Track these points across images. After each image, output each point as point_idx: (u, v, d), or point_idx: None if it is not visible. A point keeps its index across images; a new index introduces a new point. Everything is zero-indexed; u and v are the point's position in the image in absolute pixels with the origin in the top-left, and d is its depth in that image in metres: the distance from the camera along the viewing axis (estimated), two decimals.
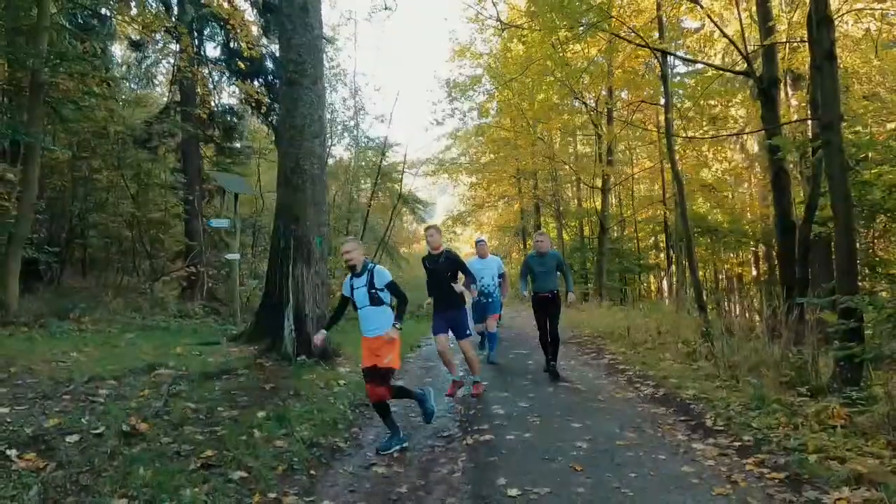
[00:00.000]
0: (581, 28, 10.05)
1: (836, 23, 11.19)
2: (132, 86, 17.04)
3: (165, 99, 17.02)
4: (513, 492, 3.38)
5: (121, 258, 15.53)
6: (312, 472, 3.73)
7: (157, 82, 18.35)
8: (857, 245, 12.27)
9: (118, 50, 16.84)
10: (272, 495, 3.28)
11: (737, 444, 4.08)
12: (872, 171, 7.10)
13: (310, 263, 6.92)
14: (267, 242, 19.68)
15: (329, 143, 19.65)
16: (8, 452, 3.37)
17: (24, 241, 8.85)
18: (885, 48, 13.70)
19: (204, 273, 14.06)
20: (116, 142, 13.15)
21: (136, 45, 15.44)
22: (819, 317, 6.40)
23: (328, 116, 18.47)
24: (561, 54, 13.23)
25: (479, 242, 8.38)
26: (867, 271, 8.72)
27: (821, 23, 6.22)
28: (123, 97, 15.28)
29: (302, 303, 6.77)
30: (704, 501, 3.18)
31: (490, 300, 7.87)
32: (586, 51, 15.55)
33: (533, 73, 14.67)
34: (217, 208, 17.23)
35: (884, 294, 8.46)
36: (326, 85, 11.08)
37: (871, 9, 10.33)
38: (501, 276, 8.19)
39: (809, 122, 9.81)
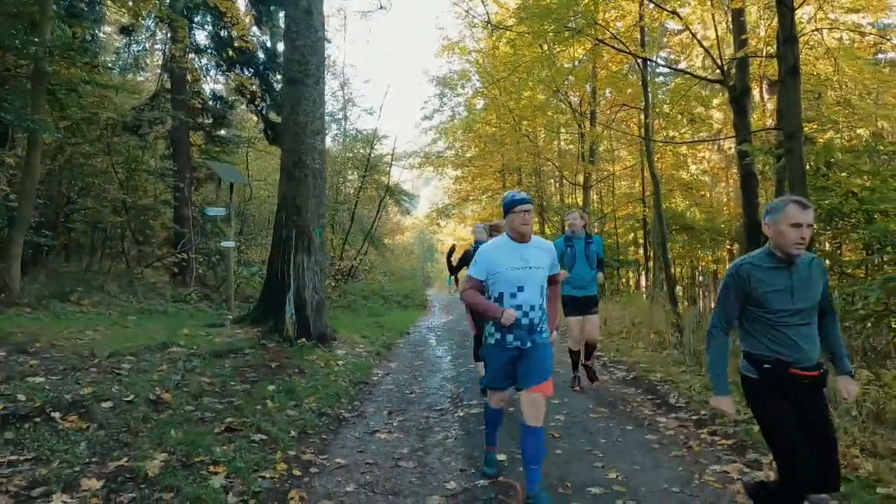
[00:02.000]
0: (567, 33, 10.55)
1: (810, 34, 11.90)
2: (117, 71, 17.10)
3: (153, 85, 17.16)
4: (500, 455, 3.89)
5: (107, 243, 15.69)
6: (324, 436, 4.22)
7: (145, 68, 18.45)
8: (827, 247, 13.07)
9: (103, 35, 16.90)
10: (292, 453, 3.76)
11: (695, 417, 4.66)
12: (830, 180, 7.73)
13: (310, 252, 7.36)
14: (255, 230, 20.02)
15: None
16: (53, 415, 3.79)
17: (27, 226, 9.11)
18: (854, 59, 14.43)
19: (194, 260, 14.33)
20: (106, 127, 13.32)
21: (125, 31, 15.55)
22: None
23: None
24: (548, 55, 13.73)
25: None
26: (839, 271, 9.37)
27: (787, 40, 6.81)
28: (112, 84, 15.39)
29: (302, 289, 7.21)
30: (663, 460, 3.74)
31: None
32: (572, 52, 16.08)
33: (520, 72, 15.14)
34: (205, 196, 17.46)
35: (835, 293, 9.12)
36: None
37: (835, 28, 10.97)
38: None
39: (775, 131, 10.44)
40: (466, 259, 6.19)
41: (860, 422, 4.06)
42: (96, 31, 14.75)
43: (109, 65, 15.79)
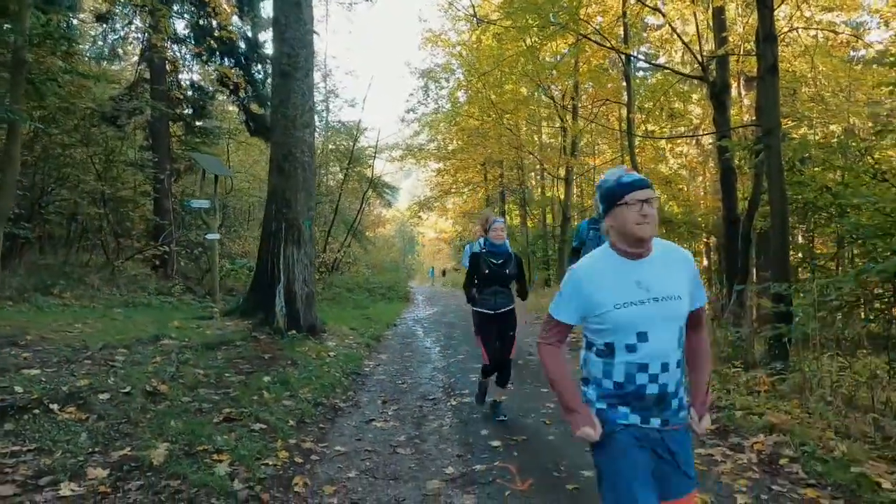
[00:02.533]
0: (552, 28, 10.68)
1: (787, 33, 12.21)
2: (88, 59, 16.74)
3: (131, 75, 16.87)
4: (495, 442, 4.02)
5: (85, 236, 15.44)
6: (321, 425, 4.30)
7: (123, 57, 18.10)
8: (800, 240, 13.44)
9: (77, 22, 16.52)
10: (292, 441, 3.84)
11: None
12: (805, 175, 7.98)
13: (300, 245, 7.39)
14: (237, 223, 19.85)
15: None
16: (51, 406, 3.80)
17: (6, 217, 8.95)
18: (828, 56, 14.81)
19: (175, 252, 14.20)
20: (83, 117, 13.09)
21: (101, 18, 15.25)
22: (759, 302, 7.29)
23: None
24: (532, 49, 13.86)
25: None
26: (811, 264, 9.71)
27: (766, 39, 7.02)
28: (92, 74, 15.09)
29: (292, 281, 7.24)
30: None
31: None
32: (556, 46, 16.21)
33: (504, 66, 15.25)
34: (186, 187, 17.26)
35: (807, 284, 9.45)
36: None
37: (810, 27, 11.25)
38: None
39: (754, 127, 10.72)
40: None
41: (834, 406, 4.28)
42: (71, 19, 14.47)
43: (86, 54, 15.51)
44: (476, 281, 4.61)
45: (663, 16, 11.04)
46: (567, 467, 3.52)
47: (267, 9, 15.54)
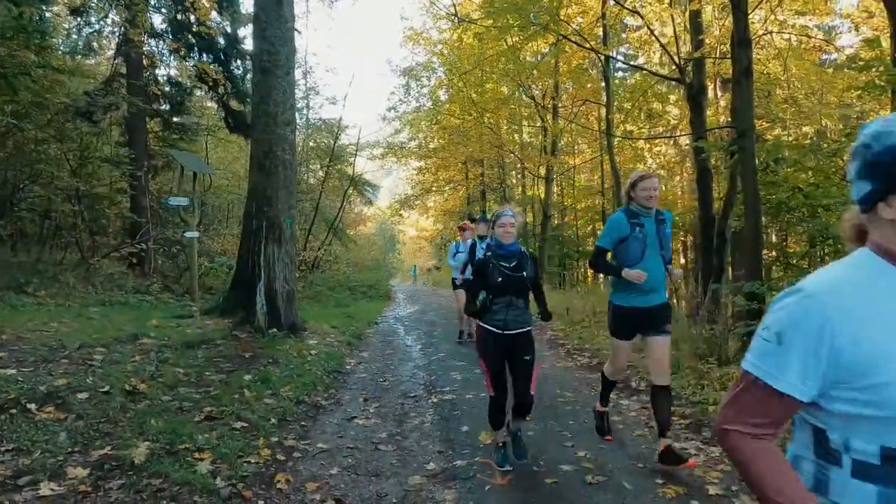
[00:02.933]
0: (533, 28, 10.78)
1: (761, 36, 12.48)
2: (62, 53, 16.39)
3: (107, 69, 16.57)
4: (476, 438, 4.07)
5: (58, 233, 15.16)
6: (303, 423, 4.32)
7: (98, 52, 17.77)
8: (774, 239, 13.74)
9: (51, 14, 16.17)
10: (274, 439, 3.85)
11: None
12: (779, 175, 8.19)
13: (280, 243, 7.36)
14: (215, 220, 19.64)
15: None
16: (29, 406, 3.76)
17: None
18: (801, 59, 15.16)
19: (152, 250, 14.01)
20: (57, 113, 12.85)
21: (76, 12, 14.97)
22: (733, 299, 7.45)
23: None
24: (513, 48, 13.95)
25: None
26: (784, 262, 9.94)
27: (741, 44, 7.17)
28: (67, 69, 14.80)
29: (273, 279, 7.21)
30: (628, 439, 4.00)
31: None
32: (536, 46, 16.35)
33: (485, 65, 15.34)
34: (163, 185, 17.02)
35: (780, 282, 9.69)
36: None
37: (784, 31, 11.50)
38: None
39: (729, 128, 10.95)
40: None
41: None
42: (44, 11, 14.17)
43: (60, 48, 15.20)
44: (485, 293, 3.57)
45: (641, 18, 11.21)
46: (546, 462, 3.60)
47: (247, 4, 15.45)
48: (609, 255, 3.70)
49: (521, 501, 3.10)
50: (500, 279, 3.48)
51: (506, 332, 3.47)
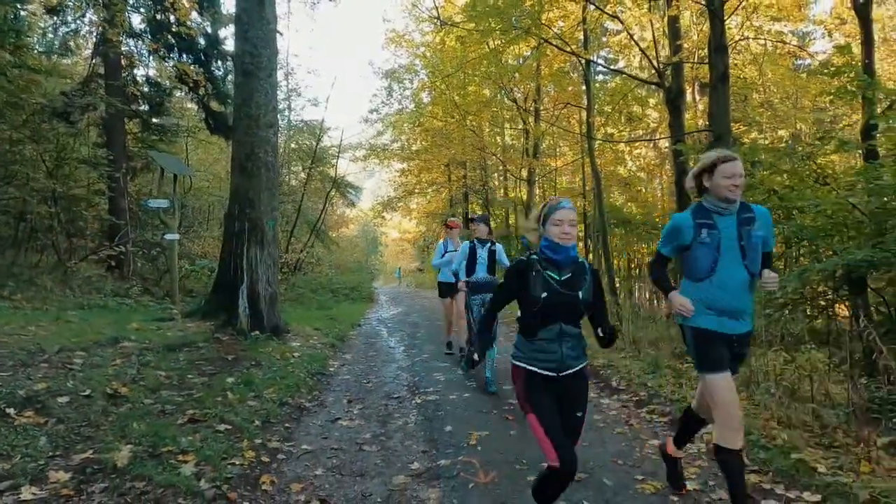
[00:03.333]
0: (514, 32, 10.88)
1: (738, 42, 12.73)
2: (37, 52, 16.10)
3: (84, 69, 16.32)
4: (459, 438, 4.12)
5: (34, 235, 14.89)
6: (287, 424, 4.32)
7: (75, 51, 17.49)
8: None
9: (25, 13, 15.89)
10: (258, 441, 3.85)
11: (635, 398, 5.05)
12: (755, 178, 8.36)
13: (263, 245, 7.34)
14: (195, 222, 19.42)
15: None
16: (7, 410, 3.72)
17: None
18: (776, 65, 15.49)
19: (132, 253, 13.83)
20: (33, 113, 12.63)
21: (52, 11, 14.73)
22: None
23: None
24: (495, 51, 14.06)
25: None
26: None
27: (717, 50, 7.34)
28: (43, 68, 14.56)
29: (255, 282, 7.19)
30: (608, 437, 4.08)
31: None
32: (518, 49, 16.49)
33: (467, 68, 15.43)
34: (142, 186, 16.81)
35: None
36: None
37: (760, 36, 11.75)
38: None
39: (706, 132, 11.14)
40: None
41: (777, 398, 4.54)
42: (19, 10, 13.93)
43: (36, 47, 14.94)
44: (521, 314, 2.54)
45: (621, 22, 11.37)
46: (529, 460, 3.65)
47: (228, 5, 15.32)
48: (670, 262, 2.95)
49: (503, 499, 3.14)
50: (545, 294, 2.42)
51: (561, 375, 2.47)
